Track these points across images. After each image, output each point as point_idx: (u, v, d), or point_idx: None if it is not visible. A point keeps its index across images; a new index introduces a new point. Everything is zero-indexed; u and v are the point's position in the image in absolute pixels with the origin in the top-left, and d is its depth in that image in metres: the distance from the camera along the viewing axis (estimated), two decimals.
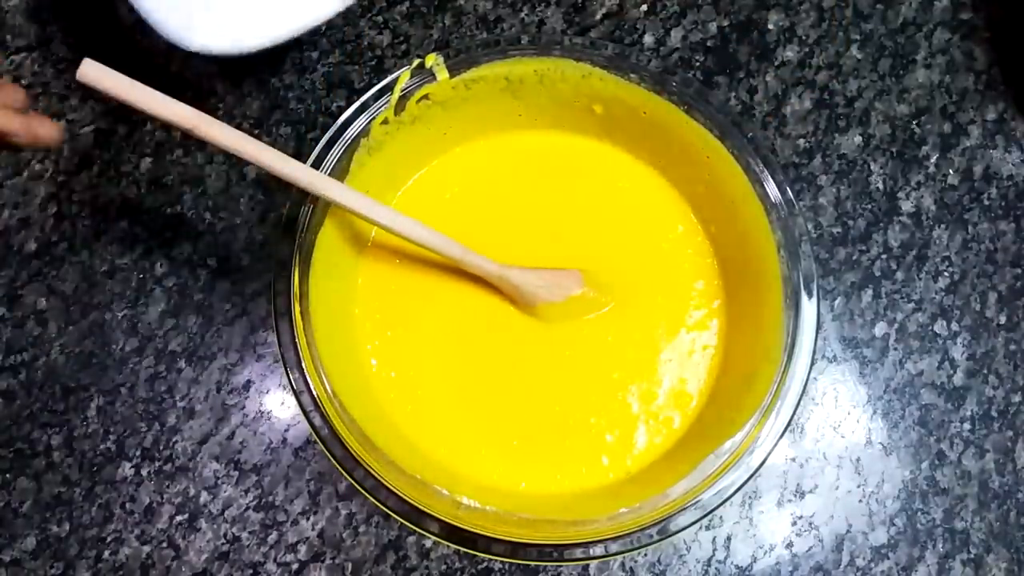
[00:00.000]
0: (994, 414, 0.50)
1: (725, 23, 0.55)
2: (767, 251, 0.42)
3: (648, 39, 0.55)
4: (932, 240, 0.52)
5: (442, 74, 0.43)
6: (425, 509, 0.38)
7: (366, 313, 0.46)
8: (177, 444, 0.47)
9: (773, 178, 0.42)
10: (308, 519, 0.46)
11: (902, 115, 0.54)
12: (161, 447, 0.47)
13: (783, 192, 0.42)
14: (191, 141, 0.51)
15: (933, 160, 0.53)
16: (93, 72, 0.35)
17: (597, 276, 0.46)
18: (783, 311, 0.41)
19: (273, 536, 0.46)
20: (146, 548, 0.46)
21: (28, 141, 0.37)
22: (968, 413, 0.50)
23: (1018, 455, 0.49)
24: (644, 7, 0.55)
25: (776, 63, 0.55)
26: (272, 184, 0.51)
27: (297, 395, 0.39)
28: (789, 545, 0.47)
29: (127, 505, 0.46)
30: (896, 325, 0.51)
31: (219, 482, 0.47)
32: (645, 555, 0.46)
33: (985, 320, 0.51)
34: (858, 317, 0.51)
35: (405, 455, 0.41)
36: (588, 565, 0.46)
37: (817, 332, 0.41)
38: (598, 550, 0.37)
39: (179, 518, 0.46)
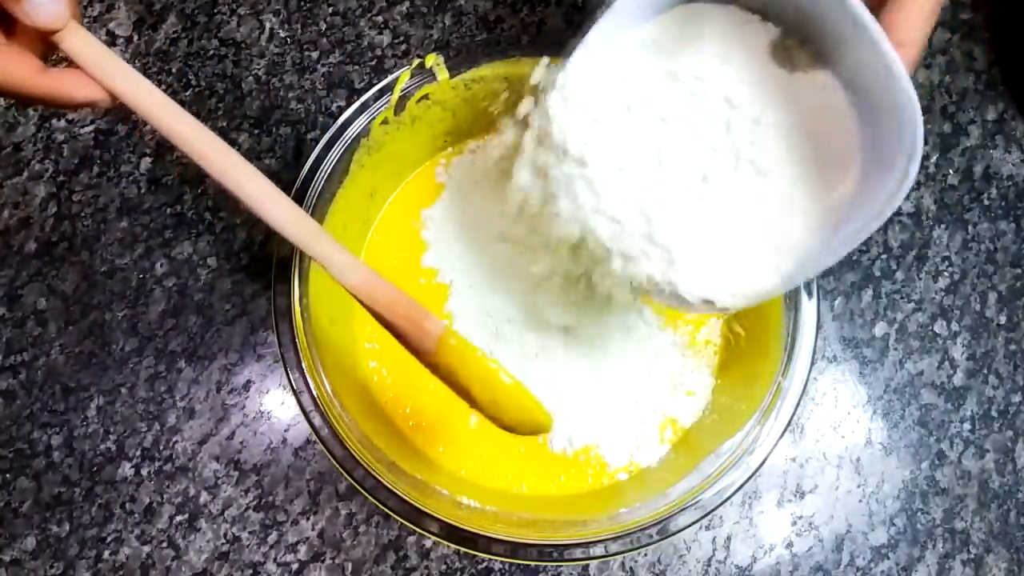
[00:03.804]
0: (994, 414, 0.50)
1: None
2: None
3: None
4: (932, 240, 0.52)
5: (442, 74, 0.43)
6: (425, 509, 0.38)
7: (366, 313, 0.46)
8: (177, 444, 0.47)
9: None
10: (308, 519, 0.46)
11: None
12: (161, 447, 0.47)
13: None
14: None
15: (933, 160, 0.53)
16: (78, 40, 0.29)
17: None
18: (783, 311, 0.41)
19: (273, 536, 0.46)
20: (146, 548, 0.46)
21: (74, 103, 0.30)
22: (968, 413, 0.50)
23: (1018, 455, 0.49)
24: None
25: None
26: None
27: (297, 395, 0.39)
28: (789, 545, 0.47)
29: (127, 505, 0.46)
30: (896, 325, 0.51)
31: (219, 482, 0.47)
32: (645, 555, 0.46)
33: (985, 320, 0.51)
34: (858, 317, 0.51)
35: (405, 455, 0.41)
36: (588, 565, 0.46)
37: (817, 332, 0.41)
38: (598, 550, 0.37)
39: (179, 518, 0.46)
